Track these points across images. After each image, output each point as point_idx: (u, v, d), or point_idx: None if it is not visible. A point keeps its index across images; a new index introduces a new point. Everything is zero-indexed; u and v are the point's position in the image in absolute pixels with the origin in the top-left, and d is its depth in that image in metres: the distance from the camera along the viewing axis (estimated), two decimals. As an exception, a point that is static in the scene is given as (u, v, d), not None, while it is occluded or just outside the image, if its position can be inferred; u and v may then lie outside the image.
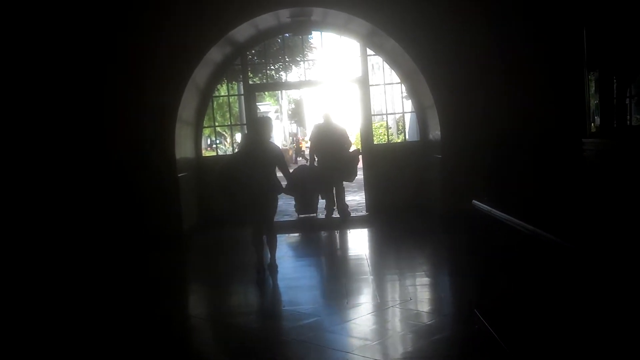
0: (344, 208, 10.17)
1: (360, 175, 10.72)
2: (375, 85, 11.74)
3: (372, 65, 17.48)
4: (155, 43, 8.80)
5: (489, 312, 4.41)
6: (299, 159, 29.57)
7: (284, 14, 9.60)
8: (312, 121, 32.90)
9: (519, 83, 8.73)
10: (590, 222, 4.16)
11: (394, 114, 17.11)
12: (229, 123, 13.20)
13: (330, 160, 9.94)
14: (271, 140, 7.08)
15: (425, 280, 6.39)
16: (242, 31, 9.53)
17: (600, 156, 6.89)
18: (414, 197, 10.08)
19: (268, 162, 6.65)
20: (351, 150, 10.43)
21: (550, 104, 8.53)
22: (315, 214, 10.43)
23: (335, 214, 10.14)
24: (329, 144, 10.03)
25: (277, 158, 6.77)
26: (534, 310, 3.68)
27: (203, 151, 19.60)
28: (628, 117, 7.13)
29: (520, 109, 8.71)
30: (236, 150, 8.37)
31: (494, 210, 4.05)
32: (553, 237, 3.09)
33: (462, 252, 6.85)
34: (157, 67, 8.81)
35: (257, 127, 7.06)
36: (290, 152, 28.30)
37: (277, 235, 7.12)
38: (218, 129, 19.41)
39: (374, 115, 12.13)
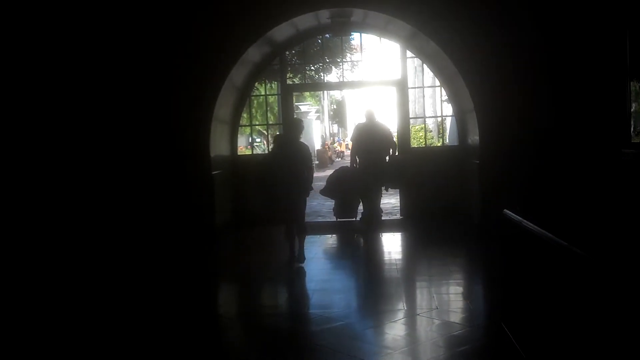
0: (377, 212, 9.79)
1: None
2: (415, 87, 11.58)
3: (415, 67, 17.31)
4: (194, 41, 8.85)
5: (516, 326, 4.26)
6: (338, 159, 29.53)
7: (323, 15, 9.55)
8: (353, 122, 32.90)
9: (560, 89, 8.46)
10: (623, 238, 3.96)
11: (433, 117, 16.88)
12: (268, 122, 13.19)
13: (372, 162, 9.41)
14: (301, 140, 7.56)
15: (455, 289, 6.24)
16: (281, 31, 9.51)
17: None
18: (451, 202, 9.85)
19: (297, 160, 7.20)
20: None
21: (591, 111, 8.22)
22: (354, 219, 10.06)
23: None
24: (371, 145, 9.43)
25: (304, 157, 7.29)
26: (560, 327, 3.51)
27: (242, 149, 19.85)
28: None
29: (560, 116, 8.44)
30: (271, 148, 8.62)
31: (524, 220, 3.90)
32: (582, 252, 2.94)
33: (495, 262, 6.67)
34: (195, 66, 8.86)
35: (288, 128, 7.78)
36: (330, 153, 28.23)
37: (309, 237, 7.84)
38: (259, 127, 19.56)
39: (413, 118, 11.99)
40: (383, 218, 10.06)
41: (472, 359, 4.28)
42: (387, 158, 9.63)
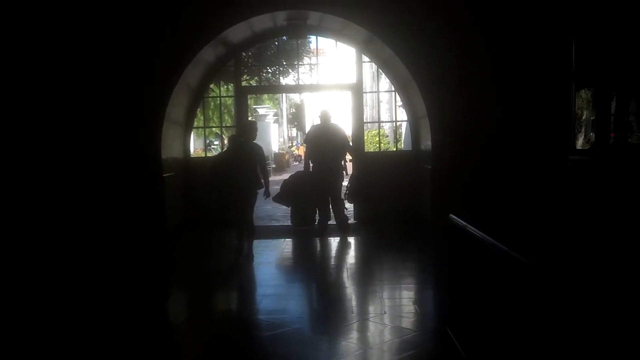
0: (343, 219, 9.40)
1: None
2: (371, 92, 11.63)
3: (373, 72, 17.42)
4: (146, 40, 8.69)
5: (460, 330, 4.28)
6: (295, 163, 29.52)
7: (280, 17, 9.51)
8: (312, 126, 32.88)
9: (509, 96, 8.63)
10: (564, 244, 4.02)
11: (388, 122, 16.97)
12: (224, 124, 13.06)
13: (327, 167, 9.08)
14: (255, 142, 7.89)
15: (405, 293, 6.26)
16: (237, 32, 9.43)
17: (587, 173, 6.74)
18: (404, 207, 9.93)
19: (250, 161, 7.59)
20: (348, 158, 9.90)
21: (538, 118, 8.40)
22: (311, 227, 9.63)
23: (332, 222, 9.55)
24: (326, 149, 9.06)
25: (259, 157, 7.73)
26: (500, 331, 3.54)
27: (199, 152, 19.61)
28: (629, 134, 6.98)
29: (509, 122, 8.61)
30: (224, 149, 8.79)
31: (468, 225, 3.92)
32: (521, 258, 2.96)
33: (443, 267, 6.71)
34: (147, 65, 8.70)
35: (243, 130, 7.99)
36: (287, 157, 28.17)
37: (263, 241, 8.51)
38: (215, 130, 19.34)
39: (368, 122, 12.02)
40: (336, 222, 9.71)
41: (415, 364, 4.27)
42: (344, 162, 9.48)
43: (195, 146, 22.06)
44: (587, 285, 2.75)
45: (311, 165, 9.43)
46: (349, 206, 10.15)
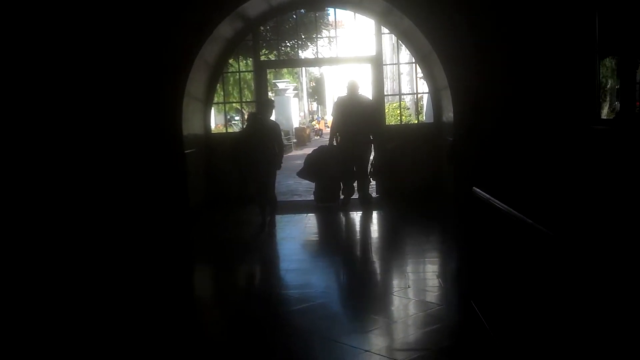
0: (366, 195, 9.32)
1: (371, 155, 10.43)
2: (391, 64, 11.49)
3: (393, 44, 17.21)
4: (164, 17, 8.63)
5: (485, 304, 4.25)
6: (316, 137, 29.45)
7: (297, -11, 9.40)
8: (332, 100, 32.66)
9: (534, 67, 8.42)
10: (589, 216, 3.95)
11: (408, 94, 16.78)
12: (244, 99, 13.02)
13: (353, 142, 8.83)
14: (271, 118, 8.39)
15: (429, 267, 6.24)
16: (254, 6, 9.33)
17: (612, 143, 6.61)
18: (427, 179, 9.84)
19: (267, 137, 7.90)
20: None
21: (563, 88, 8.22)
22: (335, 203, 9.39)
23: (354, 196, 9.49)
24: (353, 122, 8.74)
25: (275, 133, 8.06)
26: (526, 305, 3.50)
27: (220, 127, 19.64)
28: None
29: (533, 93, 8.43)
30: (244, 126, 9.07)
31: (492, 198, 3.86)
32: (546, 231, 2.91)
33: (466, 240, 6.67)
34: (165, 42, 8.65)
35: (260, 107, 8.55)
36: (308, 131, 28.09)
37: (285, 216, 8.79)
38: (236, 105, 19.34)
39: (389, 95, 11.91)
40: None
41: (442, 337, 4.26)
42: (372, 137, 9.25)
43: (216, 122, 22.09)
44: (611, 257, 2.70)
45: (338, 137, 9.21)
46: (372, 183, 10.09)
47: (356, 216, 9.00)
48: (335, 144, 9.29)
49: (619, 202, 5.67)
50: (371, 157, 9.65)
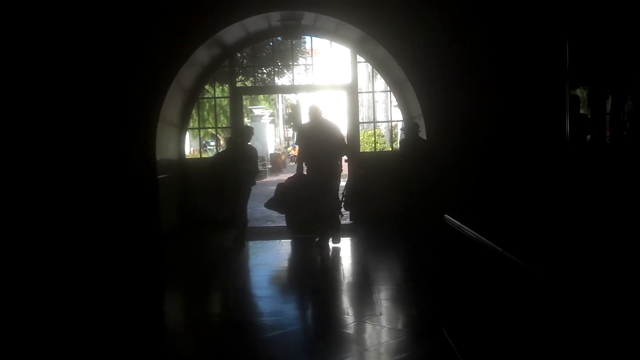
0: (336, 222, 8.69)
1: (344, 182, 10.44)
2: (366, 92, 11.61)
3: (368, 73, 17.40)
4: (140, 41, 8.65)
5: (455, 331, 4.25)
6: (291, 163, 29.45)
7: (274, 17, 9.48)
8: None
9: (505, 96, 8.62)
10: (559, 245, 3.99)
11: (384, 122, 16.96)
12: (220, 125, 13.01)
13: (321, 166, 8.34)
14: (249, 144, 8.77)
15: (400, 294, 6.22)
16: (231, 33, 9.40)
17: (583, 172, 6.74)
18: (400, 207, 9.87)
19: (245, 159, 8.51)
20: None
21: (534, 116, 8.40)
22: (312, 235, 8.77)
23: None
24: (318, 149, 8.24)
25: (252, 155, 8.70)
26: (496, 332, 3.51)
27: (196, 152, 19.56)
28: (624, 132, 6.99)
29: (504, 121, 8.61)
30: (222, 150, 9.41)
31: (463, 226, 3.89)
32: (515, 259, 2.93)
33: (438, 267, 6.69)
34: (141, 66, 8.66)
35: (240, 133, 8.94)
36: (283, 157, 28.11)
37: (258, 242, 9.02)
38: (211, 130, 19.29)
39: (364, 123, 12.00)
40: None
41: (412, 365, 4.25)
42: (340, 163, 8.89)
43: (191, 147, 22.00)
44: (584, 287, 2.72)
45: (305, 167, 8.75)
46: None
47: (329, 243, 8.96)
48: (303, 172, 8.84)
49: (593, 230, 5.76)
50: (342, 183, 9.36)
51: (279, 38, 11.18)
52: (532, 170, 8.07)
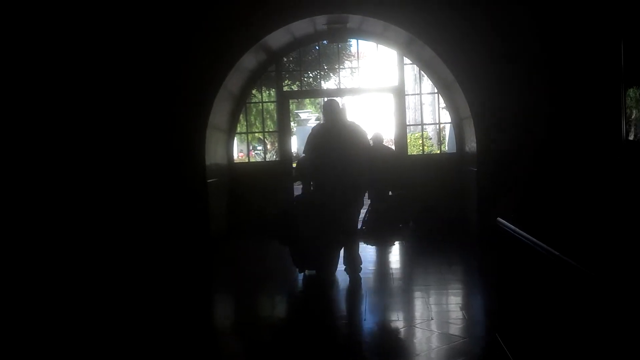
0: (355, 261, 6.75)
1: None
2: (413, 94, 11.51)
3: (415, 75, 17.24)
4: (188, 48, 8.78)
5: (510, 337, 4.15)
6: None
7: (320, 21, 9.48)
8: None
9: (557, 96, 8.39)
10: (617, 248, 3.85)
11: (431, 124, 16.77)
12: (267, 129, 13.12)
13: (335, 185, 6.27)
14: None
15: (452, 299, 6.13)
16: (277, 37, 9.44)
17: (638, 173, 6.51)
18: (450, 210, 9.75)
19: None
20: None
21: (587, 117, 8.15)
22: (325, 272, 6.76)
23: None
24: (334, 158, 6.29)
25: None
26: (552, 338, 3.41)
27: (243, 157, 19.78)
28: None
29: (557, 122, 8.37)
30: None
31: (517, 229, 3.79)
32: (573, 262, 2.83)
33: (490, 271, 6.56)
34: (189, 72, 8.79)
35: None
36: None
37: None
38: (258, 135, 19.46)
39: (411, 125, 11.90)
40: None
41: (464, 371, 4.17)
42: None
43: (238, 151, 22.26)
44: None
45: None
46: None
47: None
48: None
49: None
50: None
51: (325, 42, 11.18)
52: (587, 172, 7.82)
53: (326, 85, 14.78)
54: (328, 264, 6.64)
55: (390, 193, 8.02)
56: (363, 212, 7.14)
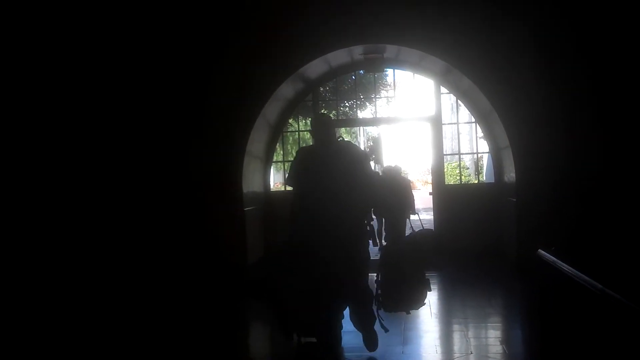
0: (370, 333, 5.25)
1: (430, 215, 10.27)
2: (450, 124, 11.45)
3: (451, 104, 17.19)
4: (226, 77, 8.92)
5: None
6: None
7: (356, 51, 9.56)
8: (388, 159, 32.39)
9: (607, 125, 8.16)
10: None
11: (468, 154, 16.65)
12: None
13: (329, 223, 4.80)
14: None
15: (492, 332, 5.98)
16: (314, 67, 9.54)
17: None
18: (488, 241, 9.59)
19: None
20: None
21: (632, 147, 7.93)
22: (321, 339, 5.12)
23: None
24: (323, 190, 4.86)
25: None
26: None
27: (279, 185, 19.87)
28: None
29: (606, 152, 8.14)
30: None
31: (558, 261, 3.70)
32: (618, 296, 2.74)
33: (531, 304, 6.39)
34: (228, 101, 8.92)
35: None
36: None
37: None
38: (294, 164, 19.55)
39: (448, 155, 11.82)
40: None
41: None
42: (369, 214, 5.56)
43: (274, 180, 22.37)
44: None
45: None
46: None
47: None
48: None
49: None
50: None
51: (361, 71, 11.25)
52: (634, 206, 7.57)
53: (362, 114, 14.82)
54: (324, 328, 4.96)
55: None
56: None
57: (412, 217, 9.45)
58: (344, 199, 4.82)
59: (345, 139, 5.38)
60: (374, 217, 5.38)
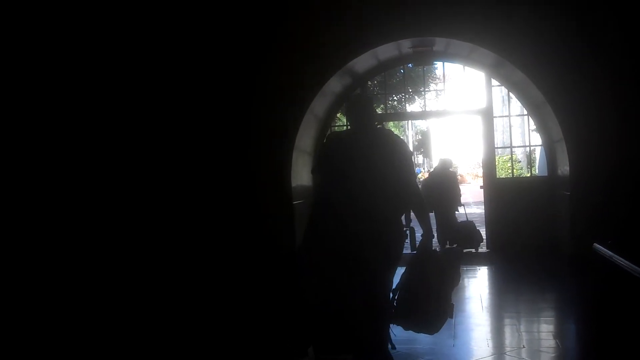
0: (382, 344, 4.37)
1: (480, 209, 10.16)
2: (502, 116, 11.28)
3: (502, 96, 16.92)
4: (275, 72, 9.01)
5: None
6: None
7: (405, 45, 9.50)
8: (438, 153, 32.03)
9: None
10: None
11: (521, 147, 16.30)
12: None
13: (357, 222, 4.02)
14: None
15: (545, 327, 5.91)
16: (362, 62, 9.54)
17: None
18: (541, 235, 9.42)
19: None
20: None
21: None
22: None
23: None
24: (356, 181, 4.07)
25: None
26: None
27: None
28: None
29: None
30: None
31: (615, 255, 3.63)
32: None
33: (586, 299, 6.26)
34: (276, 96, 9.00)
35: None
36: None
37: None
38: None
39: (499, 148, 11.65)
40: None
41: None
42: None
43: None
44: None
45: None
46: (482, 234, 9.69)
47: (466, 270, 8.71)
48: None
49: None
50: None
51: (410, 65, 11.19)
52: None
53: (410, 108, 14.73)
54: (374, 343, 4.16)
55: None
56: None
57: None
58: (380, 195, 4.03)
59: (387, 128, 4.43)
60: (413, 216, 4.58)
